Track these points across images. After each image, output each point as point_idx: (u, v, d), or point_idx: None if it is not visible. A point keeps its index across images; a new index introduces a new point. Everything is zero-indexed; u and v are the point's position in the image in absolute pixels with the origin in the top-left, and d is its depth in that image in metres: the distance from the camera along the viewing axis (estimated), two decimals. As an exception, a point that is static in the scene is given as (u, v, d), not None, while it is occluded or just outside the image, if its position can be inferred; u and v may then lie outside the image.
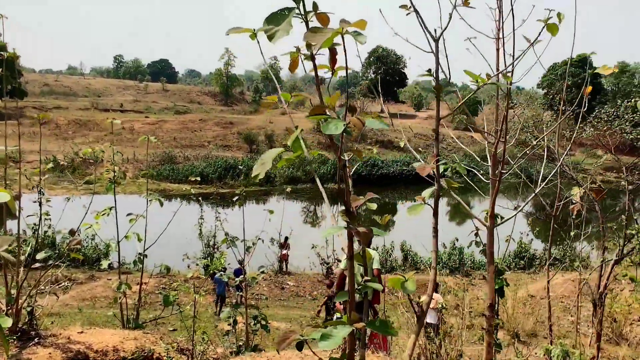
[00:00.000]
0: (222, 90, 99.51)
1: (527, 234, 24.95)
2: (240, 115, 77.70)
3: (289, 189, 11.80)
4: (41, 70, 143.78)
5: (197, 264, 19.06)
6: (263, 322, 8.40)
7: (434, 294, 13.30)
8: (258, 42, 2.25)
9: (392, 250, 22.21)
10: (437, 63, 2.95)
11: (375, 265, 8.08)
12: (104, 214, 6.97)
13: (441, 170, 3.99)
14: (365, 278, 2.67)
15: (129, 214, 6.96)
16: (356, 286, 2.59)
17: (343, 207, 2.42)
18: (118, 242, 7.16)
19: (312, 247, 18.79)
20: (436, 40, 2.99)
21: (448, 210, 46.35)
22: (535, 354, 8.64)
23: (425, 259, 22.08)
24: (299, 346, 2.39)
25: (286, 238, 19.97)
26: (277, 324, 13.36)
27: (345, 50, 2.06)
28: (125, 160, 48.16)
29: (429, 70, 3.02)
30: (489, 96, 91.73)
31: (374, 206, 3.31)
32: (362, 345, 2.70)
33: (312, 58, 2.20)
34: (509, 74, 4.11)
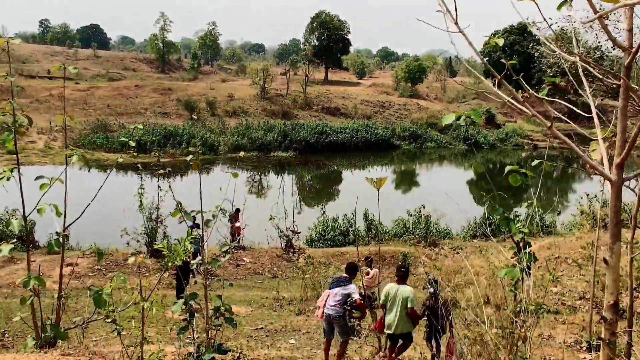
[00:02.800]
0: (159, 57, 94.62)
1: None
2: (179, 82, 73.78)
3: (242, 154, 10.32)
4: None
5: (137, 240, 16.78)
6: (227, 315, 6.60)
7: (370, 270, 11.72)
8: None
9: (353, 220, 20.56)
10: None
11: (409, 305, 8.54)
12: (1, 178, 4.77)
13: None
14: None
15: (38, 177, 4.75)
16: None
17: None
18: (24, 216, 4.99)
19: (270, 219, 16.86)
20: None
21: (394, 178, 45.30)
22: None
23: (389, 229, 20.57)
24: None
25: (237, 210, 17.96)
26: (236, 308, 11.41)
27: None
28: (54, 129, 44.36)
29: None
30: (433, 64, 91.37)
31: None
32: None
33: None
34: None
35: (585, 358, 9.29)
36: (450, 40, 3.59)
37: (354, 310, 8.28)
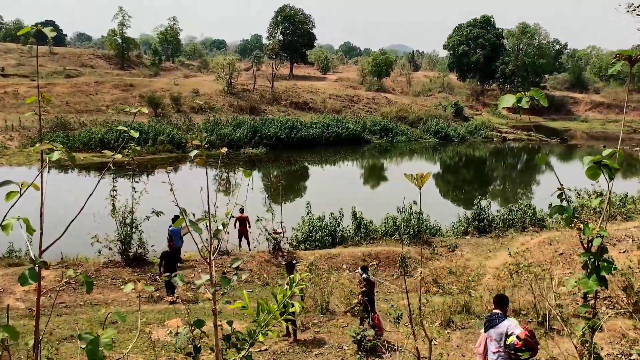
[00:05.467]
0: (118, 53, 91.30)
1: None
2: (140, 78, 71.21)
3: (224, 150, 9.38)
4: None
5: (110, 248, 15.31)
6: (244, 347, 5.39)
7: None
8: None
9: (341, 219, 19.44)
10: None
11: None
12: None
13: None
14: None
15: (4, 183, 3.40)
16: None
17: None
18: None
19: (257, 220, 15.61)
20: None
21: (362, 172, 44.45)
22: None
23: (379, 228, 19.50)
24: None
25: (242, 209, 16.75)
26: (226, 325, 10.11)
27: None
28: (10, 128, 41.81)
29: None
30: (398, 57, 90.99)
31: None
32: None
33: None
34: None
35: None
36: None
37: (519, 353, 6.65)
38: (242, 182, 36.20)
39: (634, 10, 7.19)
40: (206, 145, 6.27)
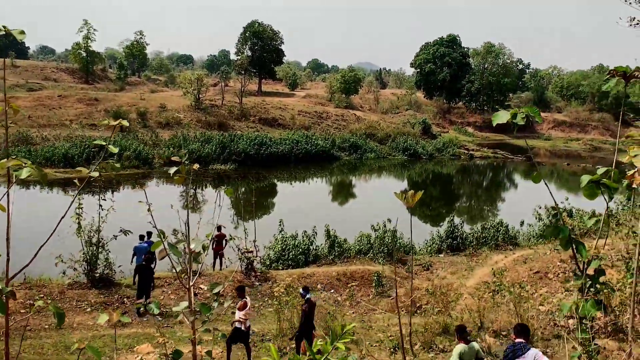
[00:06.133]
0: (82, 66, 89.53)
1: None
2: (105, 92, 69.89)
3: (196, 166, 8.95)
4: None
5: (74, 269, 14.66)
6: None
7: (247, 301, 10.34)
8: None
9: (314, 237, 19.11)
10: None
11: None
12: None
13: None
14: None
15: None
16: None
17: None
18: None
19: (230, 239, 15.18)
20: None
21: (332, 189, 44.30)
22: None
23: (353, 247, 19.23)
24: None
25: (219, 227, 16.25)
26: (201, 348, 9.75)
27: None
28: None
29: None
30: (366, 74, 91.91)
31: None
32: None
33: None
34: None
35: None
36: None
37: None
38: (210, 199, 35.68)
39: (637, 24, 7.21)
40: (186, 162, 5.93)
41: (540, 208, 22.25)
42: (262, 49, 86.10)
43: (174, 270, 9.16)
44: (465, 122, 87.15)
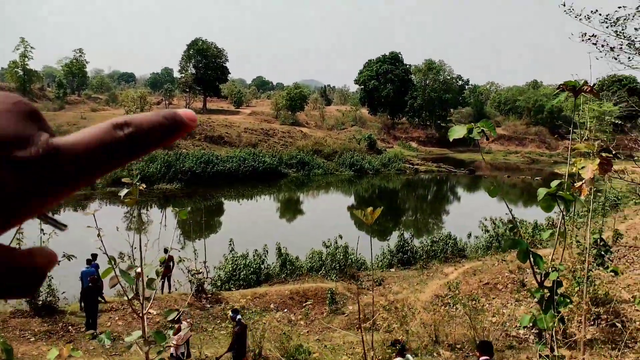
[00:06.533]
0: (19, 85, 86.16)
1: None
2: (44, 111, 67.39)
3: (142, 186, 8.65)
4: None
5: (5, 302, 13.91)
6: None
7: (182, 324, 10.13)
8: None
9: (265, 255, 18.85)
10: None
11: None
12: None
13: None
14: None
15: None
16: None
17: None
18: None
19: (180, 261, 14.75)
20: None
21: (277, 207, 44.10)
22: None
23: (305, 264, 19.09)
24: None
25: (166, 249, 15.80)
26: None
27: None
28: None
29: None
30: (312, 91, 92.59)
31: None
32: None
33: None
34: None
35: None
36: None
37: None
38: (155, 219, 34.80)
39: (589, 39, 7.51)
40: (139, 183, 5.67)
41: (486, 220, 22.78)
42: (206, 67, 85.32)
43: (123, 296, 8.80)
44: (409, 137, 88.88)
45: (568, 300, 5.58)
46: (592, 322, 10.68)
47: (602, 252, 13.85)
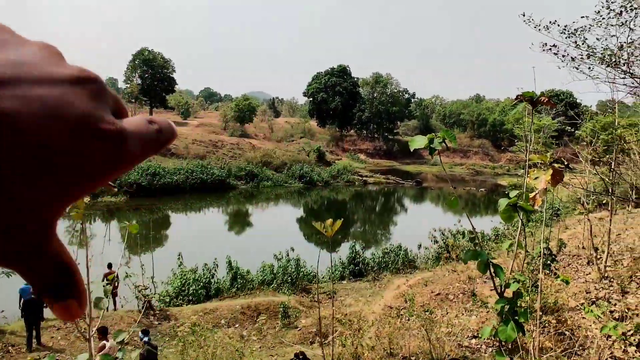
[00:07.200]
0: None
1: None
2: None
3: (86, 199, 8.11)
4: None
5: None
6: None
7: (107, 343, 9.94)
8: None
9: (215, 269, 18.40)
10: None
11: None
12: None
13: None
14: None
15: None
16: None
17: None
18: None
19: (126, 276, 14.17)
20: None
21: (226, 219, 43.47)
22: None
23: (256, 277, 18.73)
24: None
25: (110, 265, 15.25)
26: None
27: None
28: None
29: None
30: (260, 103, 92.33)
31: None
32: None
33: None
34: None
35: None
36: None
37: None
38: (99, 233, 33.58)
39: (550, 49, 7.63)
40: (88, 198, 5.34)
41: (435, 231, 23.05)
42: (152, 77, 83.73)
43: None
44: (357, 149, 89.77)
45: (529, 311, 5.58)
46: (542, 331, 10.86)
47: (549, 262, 14.20)
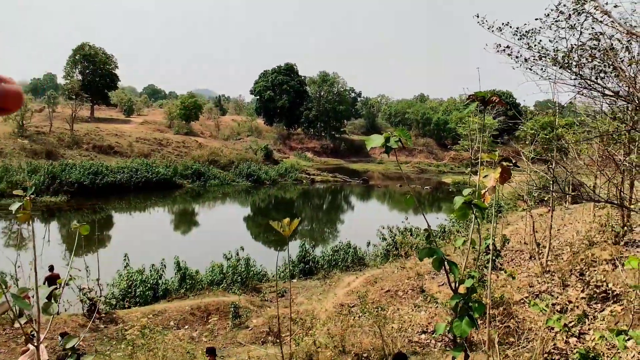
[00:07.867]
0: None
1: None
2: None
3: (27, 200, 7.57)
4: None
5: None
6: None
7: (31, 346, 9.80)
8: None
9: (163, 270, 18.02)
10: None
11: None
12: None
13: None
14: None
15: None
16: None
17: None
18: None
19: (70, 279, 13.66)
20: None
21: (172, 219, 42.75)
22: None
23: (205, 278, 18.45)
24: None
25: (51, 267, 14.67)
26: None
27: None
28: None
29: None
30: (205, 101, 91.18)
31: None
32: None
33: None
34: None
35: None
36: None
37: None
38: (38, 235, 32.33)
39: (504, 50, 7.82)
40: (33, 196, 5.12)
41: (383, 228, 23.34)
42: (93, 73, 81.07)
43: (14, 322, 7.97)
44: (304, 147, 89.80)
45: (482, 306, 5.71)
46: (490, 325, 11.17)
47: (494, 257, 14.62)
